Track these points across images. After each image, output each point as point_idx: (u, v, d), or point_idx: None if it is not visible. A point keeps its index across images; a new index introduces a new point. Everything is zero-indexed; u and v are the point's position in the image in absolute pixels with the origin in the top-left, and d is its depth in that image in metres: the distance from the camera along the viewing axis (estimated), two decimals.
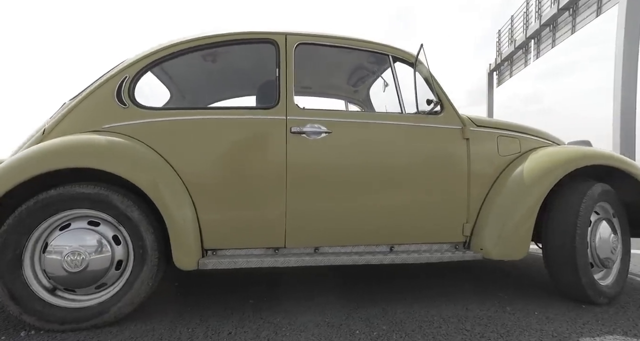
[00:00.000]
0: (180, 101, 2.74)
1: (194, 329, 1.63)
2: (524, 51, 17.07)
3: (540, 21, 15.38)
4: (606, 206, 2.09)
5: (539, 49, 16.20)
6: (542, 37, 16.05)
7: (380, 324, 1.69)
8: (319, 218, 1.89)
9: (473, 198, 2.05)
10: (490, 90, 18.32)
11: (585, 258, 1.88)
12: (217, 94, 2.99)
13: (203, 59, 2.36)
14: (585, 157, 2.00)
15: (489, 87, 18.37)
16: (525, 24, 16.60)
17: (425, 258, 1.91)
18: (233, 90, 2.98)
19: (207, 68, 2.54)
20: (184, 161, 1.80)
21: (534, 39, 16.46)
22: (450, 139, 2.05)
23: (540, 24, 15.44)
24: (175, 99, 2.71)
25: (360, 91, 3.09)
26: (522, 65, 17.04)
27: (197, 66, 2.49)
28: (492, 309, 1.89)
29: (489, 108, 17.92)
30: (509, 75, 17.72)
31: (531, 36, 16.27)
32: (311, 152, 1.88)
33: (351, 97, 3.21)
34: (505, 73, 17.96)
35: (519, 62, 17.26)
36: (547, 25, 15.44)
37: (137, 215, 1.67)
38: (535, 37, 16.35)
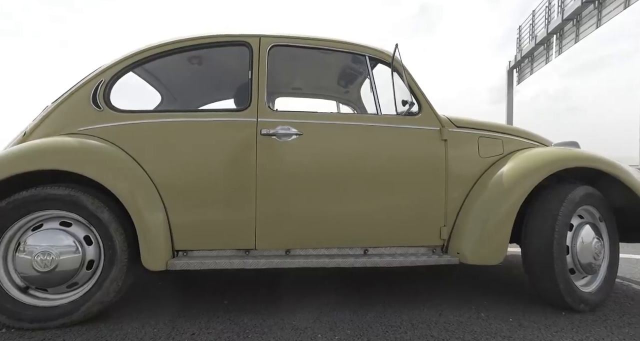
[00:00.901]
0: (171, 103, 2.81)
1: (160, 329, 1.69)
2: (546, 47, 16.70)
3: (563, 15, 15.02)
4: (592, 210, 2.05)
5: (561, 44, 15.82)
6: (565, 32, 15.67)
7: (345, 328, 1.71)
8: (290, 221, 1.92)
9: (451, 201, 2.04)
10: (510, 88, 17.97)
11: (563, 263, 1.85)
12: (208, 96, 3.05)
13: (189, 62, 2.43)
14: (565, 159, 1.97)
15: (508, 85, 18.01)
16: (547, 18, 16.24)
17: (398, 262, 1.91)
18: (224, 92, 3.04)
19: (195, 70, 2.60)
20: (155, 163, 1.86)
21: (556, 34, 16.09)
22: (427, 141, 2.05)
23: (562, 19, 15.08)
24: (166, 102, 2.79)
25: (351, 92, 3.10)
26: (543, 62, 16.66)
27: (184, 69, 2.55)
28: (466, 315, 1.88)
29: (508, 107, 17.56)
30: (529, 72, 17.35)
31: (553, 31, 15.91)
32: (281, 154, 1.91)
33: (342, 98, 3.23)
34: (526, 70, 17.59)
35: (540, 59, 16.88)
36: (570, 20, 15.06)
37: (107, 216, 1.74)
38: (557, 32, 15.98)
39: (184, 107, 2.97)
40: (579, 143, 2.26)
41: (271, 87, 3.09)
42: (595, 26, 13.92)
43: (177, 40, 2.01)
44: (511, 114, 17.44)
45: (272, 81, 2.94)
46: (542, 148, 2.15)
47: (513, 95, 17.95)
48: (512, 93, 17.97)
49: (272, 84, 3.02)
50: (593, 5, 13.83)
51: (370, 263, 1.90)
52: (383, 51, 2.13)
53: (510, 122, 17.20)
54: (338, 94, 3.20)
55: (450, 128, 2.09)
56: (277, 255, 1.93)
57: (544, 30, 16.23)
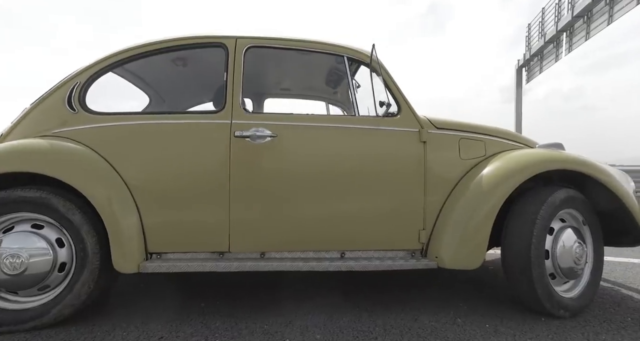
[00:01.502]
0: (159, 105, 2.84)
1: (130, 332, 1.70)
2: (555, 45, 16.49)
3: (573, 12, 14.84)
4: (575, 213, 2.03)
5: (571, 42, 15.62)
6: (575, 29, 15.47)
7: (315, 333, 1.71)
8: (264, 224, 1.92)
9: (430, 204, 2.03)
10: (518, 88, 17.77)
11: (541, 268, 1.84)
12: (196, 98, 3.07)
13: (174, 63, 2.45)
14: (545, 161, 1.95)
15: (517, 84, 17.81)
16: (557, 16, 16.05)
17: (374, 265, 1.91)
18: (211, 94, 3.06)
19: (181, 72, 2.62)
20: (128, 165, 1.88)
21: (566, 31, 15.88)
22: (405, 142, 2.04)
23: (572, 16, 14.89)
24: (154, 103, 2.82)
25: (340, 93, 3.11)
26: (552, 60, 16.46)
27: (171, 70, 2.58)
28: (443, 320, 1.87)
29: (517, 106, 17.38)
30: (538, 71, 17.14)
31: (563, 29, 15.71)
32: (255, 157, 1.92)
33: (331, 99, 3.24)
34: (535, 69, 17.38)
35: (550, 57, 16.68)
36: (581, 17, 14.87)
37: (79, 219, 1.76)
38: (567, 30, 15.78)
39: (173, 108, 2.99)
40: (562, 144, 2.23)
41: (259, 88, 3.14)
42: (606, 23, 13.72)
43: (152, 42, 2.03)
44: (520, 113, 17.26)
45: (258, 82, 2.97)
46: (525, 150, 2.14)
47: (522, 95, 17.75)
48: (521, 92, 17.78)
49: (259, 85, 3.05)
50: (604, 2, 13.63)
51: (345, 267, 1.90)
52: (361, 51, 2.13)
53: (519, 122, 17.05)
54: (327, 95, 3.20)
55: (430, 130, 2.08)
56: (251, 258, 1.94)
57: (554, 28, 16.05)
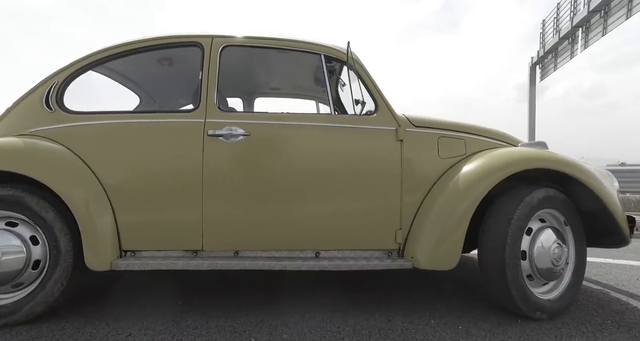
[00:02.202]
0: (150, 105, 2.90)
1: (101, 329, 1.75)
2: (570, 41, 16.23)
3: (589, 7, 14.58)
4: (556, 213, 2.01)
5: (587, 38, 15.35)
6: (592, 24, 15.20)
7: (282, 333, 1.73)
8: (238, 222, 1.95)
9: (407, 204, 2.03)
10: (532, 86, 17.49)
11: (517, 269, 1.83)
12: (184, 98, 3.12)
13: (160, 63, 2.50)
14: (524, 160, 1.94)
15: (530, 82, 17.53)
16: (573, 11, 15.79)
17: (347, 265, 1.92)
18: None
19: (169, 72, 2.67)
20: (103, 164, 1.93)
21: (581, 27, 15.62)
22: (382, 141, 2.05)
23: (589, 10, 14.64)
24: (144, 103, 2.88)
25: (332, 91, 3.12)
26: (567, 57, 16.20)
27: (158, 70, 2.62)
28: (416, 321, 1.88)
29: (530, 105, 17.11)
30: (553, 68, 16.87)
31: (578, 24, 15.45)
32: (228, 156, 1.95)
33: (321, 98, 3.25)
34: (549, 66, 17.11)
35: (565, 54, 16.41)
36: (597, 11, 14.60)
37: (52, 217, 1.82)
38: (583, 25, 15.51)
39: (163, 108, 3.04)
40: (546, 143, 2.22)
41: (248, 88, 3.17)
42: (625, 17, 13.42)
43: (130, 42, 2.08)
44: (533, 112, 16.99)
45: (244, 81, 3.00)
46: (506, 148, 2.12)
47: (535, 93, 17.47)
48: (535, 90, 17.51)
49: (246, 84, 3.08)
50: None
51: (318, 266, 1.92)
52: (339, 49, 2.15)
53: (532, 120, 16.79)
54: (316, 94, 3.22)
55: (408, 128, 2.09)
56: (225, 256, 1.97)
57: (569, 24, 15.79)
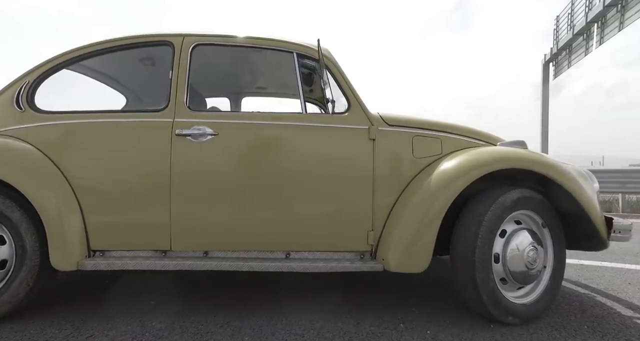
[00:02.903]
0: (136, 104, 2.93)
1: (64, 330, 1.77)
2: (585, 37, 15.95)
3: (605, 1, 14.31)
4: (533, 215, 1.98)
5: (603, 33, 15.06)
6: (607, 19, 14.92)
7: (244, 335, 1.74)
8: (206, 223, 1.96)
9: (379, 204, 2.02)
10: (545, 84, 17.20)
11: (487, 272, 1.80)
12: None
13: (142, 63, 2.52)
14: (496, 160, 1.91)
15: (543, 80, 17.24)
16: (588, 6, 15.52)
17: (315, 267, 1.92)
18: None
19: (152, 72, 2.69)
20: (72, 163, 1.95)
21: (597, 22, 15.34)
22: (353, 140, 2.04)
23: (604, 5, 14.37)
24: (131, 103, 2.91)
25: (315, 91, 3.12)
26: (582, 54, 15.91)
27: (141, 70, 2.65)
28: (385, 325, 1.86)
29: (543, 103, 16.82)
30: (567, 65, 16.58)
31: (593, 19, 15.18)
32: (196, 155, 1.96)
33: (308, 96, 3.25)
34: (563, 63, 16.82)
35: (579, 50, 16.12)
36: (614, 5, 14.32)
37: (18, 216, 1.85)
38: (599, 20, 15.23)
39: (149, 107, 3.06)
40: (525, 142, 2.18)
41: (234, 87, 3.18)
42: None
43: (101, 41, 2.10)
44: (547, 111, 16.71)
45: (227, 81, 3.01)
46: (482, 148, 2.09)
47: (549, 91, 17.19)
48: (548, 88, 17.21)
49: (230, 84, 3.09)
50: None
51: (286, 268, 1.92)
52: (311, 47, 2.14)
53: (545, 119, 16.51)
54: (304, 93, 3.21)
55: (381, 127, 2.07)
56: (194, 256, 1.98)
57: (584, 19, 15.52)
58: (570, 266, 3.12)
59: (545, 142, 15.73)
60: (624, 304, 2.21)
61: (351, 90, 2.11)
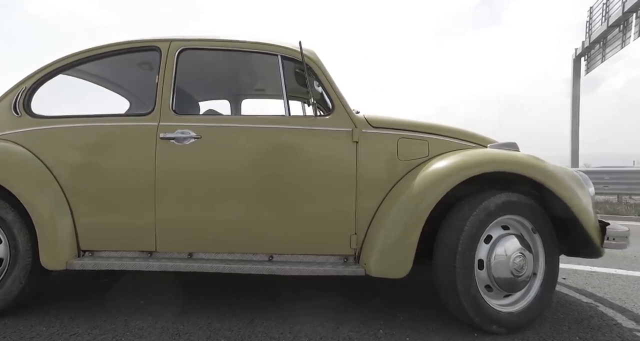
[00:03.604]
0: (139, 108, 3.00)
1: (50, 328, 1.83)
2: (622, 29, 15.15)
3: None
4: (522, 220, 1.90)
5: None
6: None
7: (220, 337, 1.75)
8: (189, 225, 1.98)
9: (363, 208, 1.99)
10: (576, 79, 16.42)
11: (469, 279, 1.74)
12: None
13: (140, 67, 2.58)
14: (482, 163, 1.84)
15: (574, 76, 16.47)
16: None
17: (295, 270, 1.90)
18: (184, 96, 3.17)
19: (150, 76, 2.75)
20: (62, 166, 2.02)
21: (635, 12, 14.55)
22: (336, 143, 2.01)
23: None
24: (134, 107, 3.00)
25: (312, 93, 3.11)
26: (618, 47, 15.11)
27: (141, 75, 2.71)
28: (364, 331, 1.84)
29: (573, 100, 16.06)
30: (600, 59, 15.81)
31: (631, 9, 14.40)
32: (179, 158, 1.98)
33: (305, 99, 3.24)
34: (597, 57, 16.04)
35: (615, 43, 15.33)
36: None
37: (12, 217, 1.93)
38: (637, 10, 14.44)
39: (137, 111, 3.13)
40: (517, 144, 2.09)
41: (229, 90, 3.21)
42: None
43: (93, 47, 2.16)
44: (577, 107, 15.97)
45: (221, 84, 3.03)
46: (470, 151, 2.02)
47: (580, 87, 16.41)
48: (579, 84, 16.44)
49: (225, 87, 3.11)
50: None
51: (267, 270, 1.92)
52: (295, 49, 2.13)
53: (575, 117, 15.80)
54: (302, 94, 3.21)
55: (365, 129, 2.04)
56: (179, 257, 2.01)
57: (620, 9, 14.75)
58: (579, 273, 2.98)
59: (575, 139, 15.08)
60: (628, 315, 2.09)
61: (335, 92, 2.09)
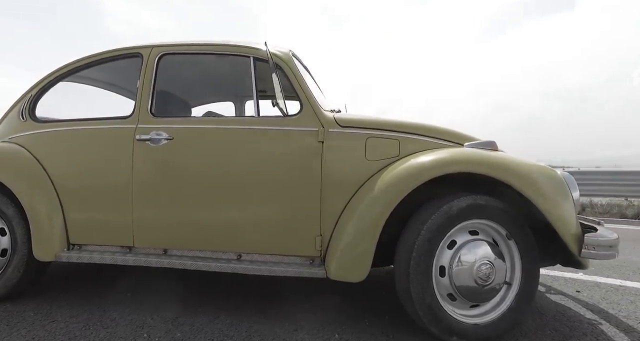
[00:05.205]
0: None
1: (38, 314, 1.98)
2: None
3: None
4: (495, 225, 1.73)
5: None
6: None
7: (179, 331, 1.78)
8: (163, 222, 2.05)
9: (328, 209, 1.93)
10: None
11: (424, 286, 1.62)
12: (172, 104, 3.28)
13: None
14: (445, 163, 1.70)
15: None
16: None
17: (256, 270, 1.89)
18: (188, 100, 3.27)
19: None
20: (55, 166, 2.18)
21: None
22: (302, 143, 1.97)
23: None
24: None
25: (277, 92, 3.06)
26: None
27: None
28: (320, 334, 1.78)
29: None
30: None
31: None
32: (153, 159, 2.05)
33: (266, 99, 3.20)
34: None
35: None
36: None
37: (12, 212, 2.12)
38: None
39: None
40: (495, 142, 1.90)
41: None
42: None
43: (83, 57, 2.31)
44: None
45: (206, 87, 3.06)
46: (440, 150, 1.87)
47: None
48: None
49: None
50: None
51: (231, 269, 1.93)
52: (264, 50, 2.11)
53: None
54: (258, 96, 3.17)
55: (332, 129, 1.97)
56: (155, 253, 2.08)
57: None
58: (601, 287, 2.67)
59: None
60: (634, 337, 1.82)
61: (304, 92, 2.04)
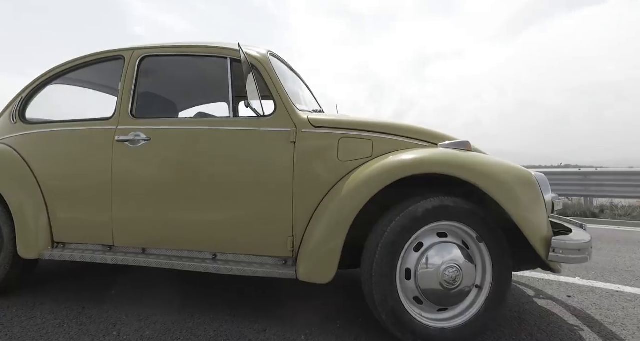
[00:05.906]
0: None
1: (20, 310, 2.03)
2: None
3: None
4: (465, 228, 1.67)
5: None
6: None
7: (148, 329, 1.80)
8: (141, 222, 2.07)
9: (300, 210, 1.91)
10: None
11: (386, 290, 1.59)
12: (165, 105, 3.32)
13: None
14: (410, 164, 1.66)
15: None
16: None
17: (227, 270, 1.89)
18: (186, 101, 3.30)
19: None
20: (40, 166, 2.23)
21: None
22: (275, 143, 1.95)
23: None
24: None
25: (249, 93, 3.04)
26: None
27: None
28: (288, 335, 1.76)
29: None
30: None
31: None
32: (131, 160, 2.08)
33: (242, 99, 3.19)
34: None
35: None
36: None
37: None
38: None
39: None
40: (469, 142, 1.84)
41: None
42: None
43: (70, 61, 2.36)
44: None
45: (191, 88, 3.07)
46: (412, 150, 1.83)
47: None
48: None
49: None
50: None
51: (203, 268, 1.93)
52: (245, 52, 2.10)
53: None
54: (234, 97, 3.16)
55: (305, 129, 1.95)
56: (134, 252, 2.10)
57: None
58: (596, 292, 2.56)
59: None
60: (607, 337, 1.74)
61: (279, 93, 2.03)
